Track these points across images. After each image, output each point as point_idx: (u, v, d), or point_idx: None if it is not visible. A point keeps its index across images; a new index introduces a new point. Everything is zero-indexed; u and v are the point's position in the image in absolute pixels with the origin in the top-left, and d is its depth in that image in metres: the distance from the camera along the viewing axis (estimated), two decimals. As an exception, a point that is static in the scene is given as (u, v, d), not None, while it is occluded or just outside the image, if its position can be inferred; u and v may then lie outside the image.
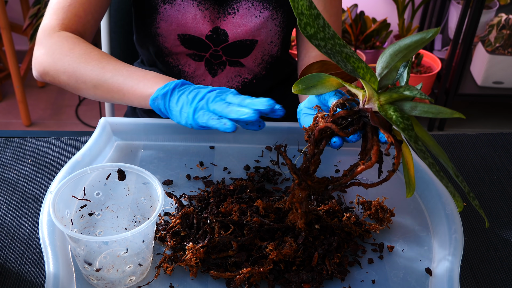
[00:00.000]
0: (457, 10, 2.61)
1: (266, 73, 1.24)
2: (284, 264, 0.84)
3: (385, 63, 0.75)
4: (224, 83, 1.23)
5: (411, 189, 0.81)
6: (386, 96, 0.75)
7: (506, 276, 0.89)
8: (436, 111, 0.72)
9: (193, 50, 1.18)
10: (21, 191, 0.99)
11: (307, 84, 0.81)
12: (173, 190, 0.99)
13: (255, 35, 1.15)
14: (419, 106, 0.74)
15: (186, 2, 1.11)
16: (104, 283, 0.81)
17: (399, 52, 0.73)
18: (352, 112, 0.79)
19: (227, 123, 0.84)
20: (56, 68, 1.01)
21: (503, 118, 2.82)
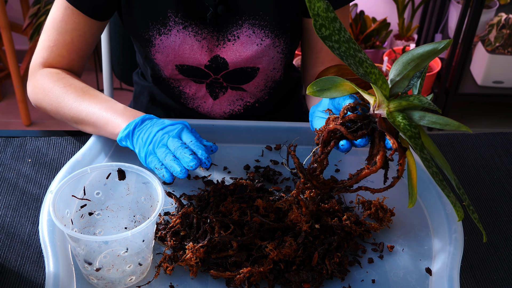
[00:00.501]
0: (457, 10, 2.61)
1: (269, 97, 1.22)
2: (284, 264, 0.84)
3: (397, 71, 0.77)
4: (225, 106, 1.20)
5: (413, 199, 0.81)
6: (395, 103, 0.76)
7: (506, 276, 0.89)
8: (444, 122, 0.74)
9: (193, 78, 1.15)
10: (21, 191, 0.99)
11: (321, 87, 0.83)
12: (173, 189, 0.99)
13: (257, 62, 1.11)
14: (428, 116, 0.75)
15: (182, 33, 1.06)
16: (104, 282, 0.81)
17: (412, 60, 0.74)
18: (361, 116, 0.80)
19: (164, 175, 0.90)
20: (43, 105, 1.08)
21: (503, 118, 2.82)
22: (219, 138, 1.10)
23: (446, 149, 1.15)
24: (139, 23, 1.07)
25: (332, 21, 0.73)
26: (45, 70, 1.08)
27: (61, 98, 1.04)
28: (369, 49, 2.64)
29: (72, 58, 1.09)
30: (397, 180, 0.80)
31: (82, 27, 1.06)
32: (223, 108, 1.20)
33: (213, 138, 1.09)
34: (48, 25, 1.07)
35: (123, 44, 1.46)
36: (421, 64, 0.75)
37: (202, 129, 1.09)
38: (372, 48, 2.65)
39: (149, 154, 0.93)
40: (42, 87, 1.06)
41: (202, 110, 1.21)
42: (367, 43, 2.65)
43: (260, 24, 1.07)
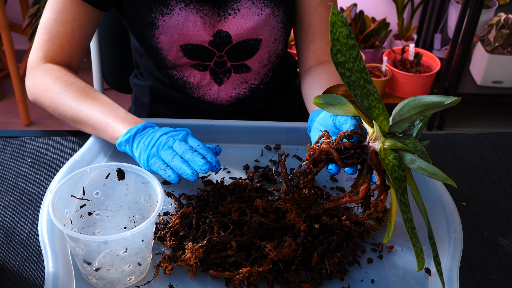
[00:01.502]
0: (456, 10, 2.61)
1: (272, 75, 1.23)
2: (283, 264, 0.84)
3: (401, 111, 0.78)
4: (231, 91, 1.21)
5: (389, 235, 0.82)
6: (391, 142, 0.78)
7: (506, 276, 0.89)
8: (431, 171, 0.76)
9: (196, 61, 1.16)
10: (21, 191, 0.99)
11: (328, 101, 0.86)
12: (172, 189, 0.99)
13: (259, 33, 1.14)
14: (418, 161, 0.77)
15: (185, 10, 1.08)
16: (103, 282, 0.81)
17: (417, 106, 0.76)
18: (356, 146, 0.82)
19: (171, 176, 0.91)
20: (41, 101, 1.08)
21: (502, 118, 2.82)
22: (219, 138, 1.10)
23: (446, 149, 1.15)
24: (141, 7, 1.08)
25: (350, 49, 0.73)
26: (47, 65, 1.08)
27: (62, 95, 1.03)
28: (368, 49, 2.64)
29: (72, 49, 1.09)
30: (376, 214, 0.84)
31: (81, 16, 1.07)
32: (229, 93, 1.21)
33: (213, 138, 1.09)
34: (45, 19, 1.07)
35: (113, 50, 1.45)
36: (425, 112, 0.76)
37: (202, 129, 1.09)
38: (372, 48, 2.65)
39: (151, 156, 0.94)
40: (43, 83, 1.06)
41: (208, 97, 1.22)
42: (366, 43, 2.65)
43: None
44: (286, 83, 1.32)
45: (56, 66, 1.08)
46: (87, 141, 1.03)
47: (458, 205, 1.01)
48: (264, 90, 1.24)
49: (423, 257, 0.78)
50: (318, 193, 0.96)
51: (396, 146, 0.78)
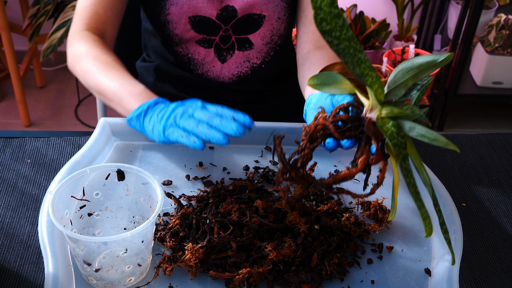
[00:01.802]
0: (456, 10, 2.61)
1: (274, 55, 1.26)
2: (283, 265, 0.84)
3: (395, 78, 0.76)
4: (233, 69, 1.24)
5: (394, 211, 0.81)
6: (388, 110, 0.76)
7: (506, 277, 0.89)
8: (432, 137, 0.73)
9: (203, 35, 1.19)
10: (21, 191, 0.99)
11: (323, 81, 0.83)
12: (172, 190, 0.99)
13: (263, 9, 1.17)
14: (417, 128, 0.74)
15: None
16: (103, 283, 0.81)
17: (411, 69, 0.74)
18: (353, 118, 0.79)
19: (196, 141, 0.86)
20: (74, 69, 1.11)
21: (502, 118, 2.82)
22: (219, 138, 1.10)
23: (446, 149, 1.15)
24: None
25: (335, 17, 0.72)
26: (83, 33, 1.11)
27: (90, 65, 1.06)
28: (368, 49, 2.64)
29: (107, 16, 1.13)
30: (377, 187, 0.79)
31: None
32: (231, 71, 1.25)
33: (213, 139, 1.10)
34: None
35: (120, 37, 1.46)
36: (420, 74, 0.74)
37: (202, 130, 1.09)
38: (372, 48, 2.65)
39: (168, 126, 0.90)
40: (77, 51, 1.09)
41: (211, 74, 1.25)
42: (366, 43, 2.65)
43: None
44: (287, 72, 1.34)
45: (91, 36, 1.10)
46: (87, 142, 1.03)
47: (458, 205, 1.01)
48: (265, 71, 1.27)
49: (430, 222, 0.75)
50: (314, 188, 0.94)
51: (394, 113, 0.75)
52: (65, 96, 2.80)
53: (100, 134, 1.05)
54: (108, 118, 1.08)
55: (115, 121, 1.08)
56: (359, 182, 1.04)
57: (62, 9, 2.29)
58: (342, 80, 0.82)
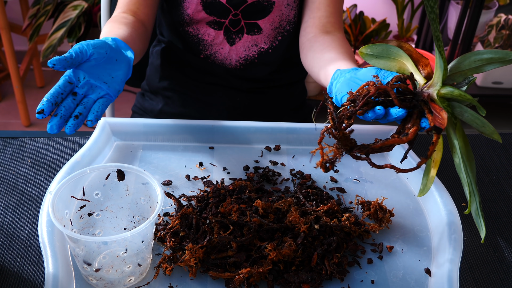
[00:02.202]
0: (456, 10, 2.61)
1: (282, 39, 1.26)
2: (283, 264, 0.84)
3: (460, 64, 0.77)
4: (241, 52, 1.25)
5: (425, 189, 0.81)
6: (448, 90, 0.76)
7: (506, 277, 0.89)
8: (481, 123, 0.76)
9: (213, 17, 1.21)
10: (21, 192, 0.99)
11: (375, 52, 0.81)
12: (172, 190, 0.99)
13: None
14: (468, 112, 0.76)
15: None
16: (103, 283, 0.81)
17: (479, 60, 0.75)
18: (410, 90, 0.78)
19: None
20: None
21: (502, 119, 2.82)
22: (219, 138, 1.10)
23: (446, 149, 1.15)
24: None
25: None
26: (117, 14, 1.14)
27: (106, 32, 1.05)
28: (368, 49, 2.64)
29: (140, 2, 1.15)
30: (425, 160, 0.78)
31: None
32: (239, 54, 1.26)
33: (213, 138, 1.10)
34: None
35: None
36: (484, 67, 0.75)
37: (202, 130, 1.09)
38: (372, 48, 2.65)
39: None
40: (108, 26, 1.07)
41: (219, 56, 1.26)
42: (366, 43, 2.65)
43: None
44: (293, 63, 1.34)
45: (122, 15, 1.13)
46: (87, 142, 1.03)
47: (458, 205, 1.01)
48: (272, 55, 1.27)
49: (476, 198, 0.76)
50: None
51: (452, 95, 0.75)
52: (65, 96, 2.80)
53: (100, 134, 1.05)
54: (108, 118, 1.08)
55: (115, 121, 1.08)
56: (359, 182, 1.04)
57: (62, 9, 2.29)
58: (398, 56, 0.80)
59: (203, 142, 1.10)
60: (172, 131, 1.09)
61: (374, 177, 1.05)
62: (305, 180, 1.02)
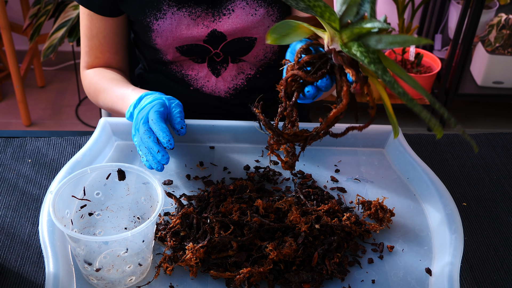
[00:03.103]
0: (457, 10, 2.61)
1: (268, 65, 1.24)
2: (284, 264, 0.84)
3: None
4: (229, 82, 1.22)
5: (396, 128, 0.78)
6: (348, 33, 0.72)
7: (506, 276, 0.89)
8: (401, 40, 0.70)
9: (194, 56, 1.18)
10: (21, 191, 0.99)
11: (279, 33, 0.78)
12: (173, 190, 0.99)
13: (253, 33, 1.14)
14: (384, 38, 0.70)
15: (177, 14, 1.10)
16: (104, 283, 0.81)
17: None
18: (317, 55, 0.76)
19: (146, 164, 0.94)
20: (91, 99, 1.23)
21: (503, 118, 2.82)
22: (219, 138, 1.10)
23: (446, 149, 1.15)
24: (137, 11, 1.12)
25: None
26: (88, 71, 1.22)
27: (97, 91, 1.17)
28: (369, 49, 2.64)
29: (106, 56, 1.20)
30: (373, 110, 0.76)
31: (104, 29, 1.16)
32: (227, 84, 1.23)
33: (213, 138, 1.09)
34: (81, 33, 1.19)
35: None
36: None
37: (202, 130, 1.09)
38: (372, 48, 2.65)
39: (134, 135, 0.98)
40: (86, 87, 1.22)
41: (206, 89, 1.24)
42: (367, 43, 2.65)
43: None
44: None
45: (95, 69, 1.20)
46: (87, 142, 1.03)
47: (459, 205, 1.01)
48: (261, 80, 1.25)
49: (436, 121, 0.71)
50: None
51: (355, 34, 0.72)
52: (65, 95, 2.80)
53: (101, 134, 1.05)
54: (108, 118, 1.08)
55: (116, 121, 1.08)
56: (359, 181, 1.04)
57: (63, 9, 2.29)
58: (297, 25, 0.77)
59: (203, 142, 1.10)
60: (172, 131, 1.09)
61: (375, 177, 1.05)
62: (305, 180, 1.02)
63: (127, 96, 1.07)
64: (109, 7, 1.12)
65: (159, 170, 0.92)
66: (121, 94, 1.09)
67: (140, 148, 0.94)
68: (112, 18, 1.15)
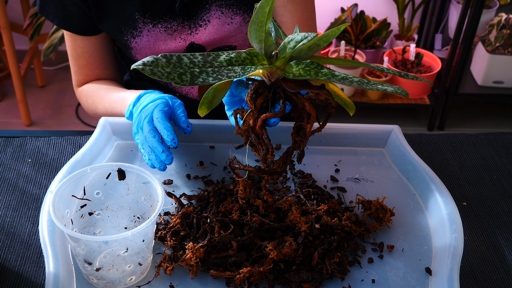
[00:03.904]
0: (457, 10, 2.61)
1: None
2: (284, 264, 0.84)
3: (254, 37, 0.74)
4: None
5: (350, 105, 0.80)
6: (280, 61, 0.74)
7: (506, 276, 0.89)
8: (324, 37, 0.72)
9: None
10: (21, 191, 0.99)
11: (208, 100, 0.80)
12: (173, 189, 0.99)
13: (232, 41, 1.15)
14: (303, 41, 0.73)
15: (153, 31, 1.11)
16: (104, 282, 0.81)
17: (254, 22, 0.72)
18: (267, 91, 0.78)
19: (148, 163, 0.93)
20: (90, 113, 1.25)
21: (503, 118, 2.82)
22: (219, 138, 1.10)
23: (447, 149, 1.15)
24: (114, 30, 1.13)
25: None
26: (82, 87, 1.23)
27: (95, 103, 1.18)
28: (369, 49, 2.64)
29: (96, 73, 1.21)
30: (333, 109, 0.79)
31: (88, 48, 1.17)
32: None
33: (213, 138, 1.10)
34: (68, 54, 1.21)
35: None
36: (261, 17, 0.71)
37: (202, 129, 1.09)
38: (372, 48, 2.65)
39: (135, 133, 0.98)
40: (83, 102, 1.23)
41: (191, 96, 1.24)
42: (367, 43, 2.65)
43: (227, 3, 1.10)
44: None
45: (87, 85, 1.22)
46: (87, 141, 1.03)
47: (459, 205, 1.01)
48: None
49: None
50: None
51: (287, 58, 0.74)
52: (66, 95, 2.80)
53: (101, 134, 1.05)
54: (108, 117, 1.08)
55: (116, 121, 1.08)
56: (359, 181, 1.04)
57: (63, 9, 2.28)
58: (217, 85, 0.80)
59: (203, 142, 1.10)
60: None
61: (375, 177, 1.05)
62: (305, 180, 1.02)
63: (125, 98, 1.07)
64: (88, 27, 1.13)
65: (161, 170, 0.91)
66: (119, 97, 1.10)
67: (143, 146, 0.94)
68: (95, 36, 1.16)
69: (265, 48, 0.75)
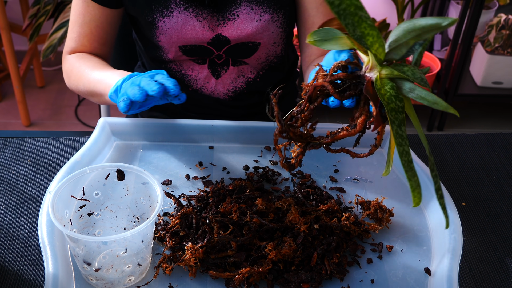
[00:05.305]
0: (456, 10, 2.61)
1: (269, 69, 1.24)
2: (283, 264, 0.84)
3: (397, 37, 0.73)
4: (228, 84, 1.22)
5: (389, 167, 0.79)
6: (387, 71, 0.73)
7: (505, 276, 0.89)
8: (432, 100, 0.71)
9: (196, 57, 1.18)
10: (20, 191, 0.99)
11: (321, 37, 0.80)
12: (172, 190, 0.99)
13: (257, 38, 1.15)
14: (417, 90, 0.72)
15: (184, 14, 1.10)
16: (103, 283, 0.81)
17: (413, 30, 0.71)
18: (351, 76, 0.77)
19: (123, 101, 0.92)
20: (70, 87, 1.20)
21: (502, 118, 2.82)
22: (218, 138, 1.10)
23: (446, 149, 1.15)
24: (143, 7, 1.11)
25: None
26: (70, 56, 1.19)
27: (78, 76, 1.14)
28: (368, 49, 2.64)
29: (93, 46, 1.18)
30: (375, 148, 0.78)
31: (98, 17, 1.14)
32: (226, 86, 1.23)
33: (213, 138, 1.10)
34: (71, 19, 1.17)
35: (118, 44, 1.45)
36: (422, 35, 0.71)
37: (202, 129, 1.09)
38: (372, 48, 2.65)
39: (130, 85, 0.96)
40: (67, 70, 1.18)
41: (206, 91, 1.23)
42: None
43: (258, 0, 1.10)
44: (284, 80, 1.32)
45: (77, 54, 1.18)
46: (86, 142, 1.03)
47: (458, 205, 1.01)
48: (260, 84, 1.25)
49: (419, 192, 0.71)
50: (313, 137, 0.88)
51: (394, 75, 0.73)
52: (65, 96, 2.80)
53: (100, 134, 1.05)
54: (108, 118, 1.08)
55: (115, 121, 1.08)
56: (358, 181, 1.04)
57: (62, 9, 2.29)
58: (342, 36, 0.79)
59: (203, 142, 1.10)
60: (172, 131, 1.09)
61: (374, 177, 1.05)
62: (304, 180, 1.02)
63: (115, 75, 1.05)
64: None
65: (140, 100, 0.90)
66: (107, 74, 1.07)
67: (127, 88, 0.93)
68: (111, 9, 1.14)
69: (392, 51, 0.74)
